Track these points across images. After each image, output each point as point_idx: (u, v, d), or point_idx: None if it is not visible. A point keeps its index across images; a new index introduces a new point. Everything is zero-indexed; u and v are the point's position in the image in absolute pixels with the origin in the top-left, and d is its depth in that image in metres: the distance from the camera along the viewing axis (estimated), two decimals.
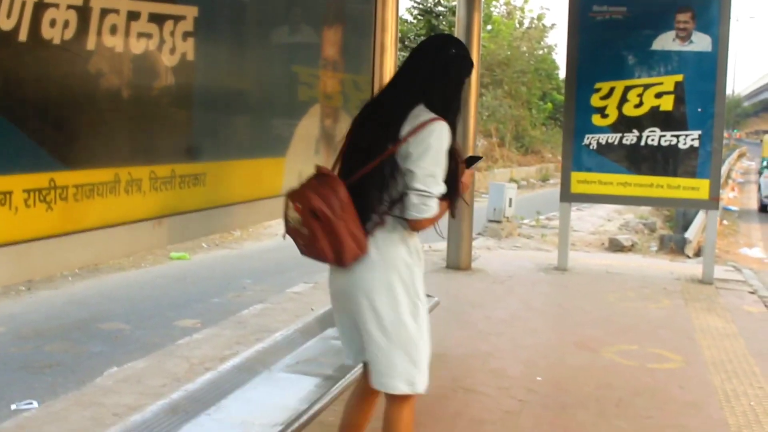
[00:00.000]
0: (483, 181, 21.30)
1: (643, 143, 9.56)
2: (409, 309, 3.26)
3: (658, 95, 9.54)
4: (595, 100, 9.70)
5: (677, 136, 9.42)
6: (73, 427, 4.52)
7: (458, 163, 3.27)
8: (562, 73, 38.20)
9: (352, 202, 3.08)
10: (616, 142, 9.65)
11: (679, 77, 9.48)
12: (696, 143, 9.41)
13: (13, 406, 5.79)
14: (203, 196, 3.74)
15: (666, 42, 9.51)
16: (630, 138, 9.59)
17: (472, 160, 3.54)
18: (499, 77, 33.37)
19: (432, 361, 5.88)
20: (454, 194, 3.24)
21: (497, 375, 5.80)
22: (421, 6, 32.42)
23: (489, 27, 33.98)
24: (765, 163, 31.40)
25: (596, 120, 9.71)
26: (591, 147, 9.74)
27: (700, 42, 9.41)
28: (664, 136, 9.48)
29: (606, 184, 9.76)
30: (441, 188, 3.12)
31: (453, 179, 3.22)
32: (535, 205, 17.86)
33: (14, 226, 2.61)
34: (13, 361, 7.09)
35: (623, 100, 9.58)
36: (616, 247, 13.23)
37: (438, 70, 3.28)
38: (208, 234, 3.78)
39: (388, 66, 6.25)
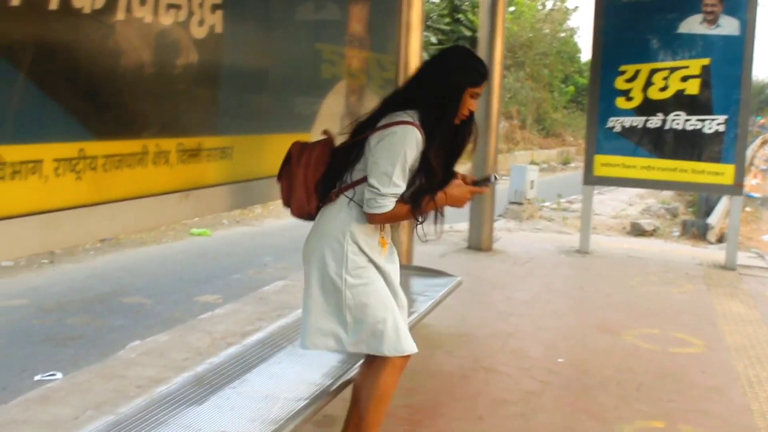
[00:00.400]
0: (504, 163, 21.23)
1: (667, 127, 9.48)
2: (327, 282, 3.35)
3: (684, 79, 9.44)
4: (620, 83, 9.62)
5: (702, 121, 9.33)
6: (96, 399, 4.54)
7: (433, 174, 3.30)
8: (584, 56, 38.04)
9: (322, 164, 3.37)
10: (640, 126, 9.58)
11: (706, 61, 9.38)
12: (721, 128, 9.32)
13: (37, 377, 5.82)
14: (229, 170, 3.74)
15: (693, 25, 9.40)
16: (654, 121, 9.52)
17: (485, 180, 3.51)
18: (521, 59, 33.16)
19: (453, 340, 5.95)
20: (417, 200, 3.29)
21: (518, 356, 5.79)
22: None
23: (512, 8, 33.73)
24: None
25: (621, 103, 9.64)
26: (615, 130, 9.68)
27: (728, 26, 9.30)
28: (689, 120, 9.40)
29: (629, 167, 9.70)
30: (394, 189, 3.22)
31: (423, 186, 3.29)
32: (556, 188, 17.77)
33: (44, 195, 2.62)
34: (36, 333, 7.13)
35: (648, 83, 9.49)
36: (637, 231, 13.17)
37: (438, 77, 3.36)
38: (234, 208, 3.80)
39: (414, 45, 6.23)
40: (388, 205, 3.24)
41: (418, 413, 4.60)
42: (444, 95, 3.33)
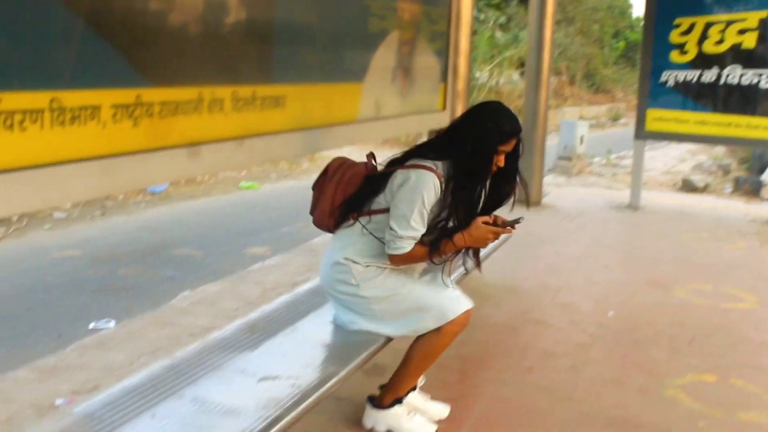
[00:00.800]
0: (553, 119, 21.02)
1: (722, 81, 9.28)
2: (348, 303, 3.57)
3: (741, 32, 9.21)
4: (675, 37, 9.43)
5: (759, 75, 9.11)
6: (150, 345, 4.62)
7: (462, 221, 3.40)
8: (635, 11, 37.32)
9: (353, 185, 3.54)
10: (694, 80, 9.39)
11: (764, 14, 9.12)
12: None
13: (92, 325, 5.94)
14: (283, 119, 3.75)
15: None
16: (709, 75, 9.32)
17: (514, 222, 3.51)
18: (571, 14, 32.66)
19: (502, 292, 5.95)
20: (435, 245, 3.39)
21: (568, 309, 5.77)
22: None
23: None
24: None
25: (675, 56, 9.45)
26: (668, 84, 9.51)
27: None
28: (745, 74, 9.19)
29: (683, 122, 9.53)
30: (411, 232, 3.34)
31: (445, 230, 3.40)
32: (605, 144, 17.57)
33: (103, 140, 2.65)
34: (90, 283, 7.26)
35: (704, 36, 9.28)
36: (689, 187, 13.00)
37: (469, 129, 3.45)
38: (287, 157, 3.85)
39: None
40: (406, 247, 3.36)
41: (468, 364, 4.62)
42: (475, 153, 3.39)
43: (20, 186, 2.35)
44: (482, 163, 3.39)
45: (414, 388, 3.85)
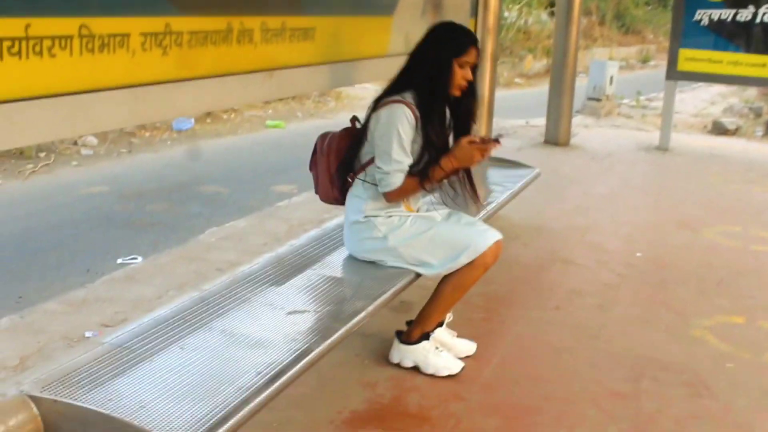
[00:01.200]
0: (582, 60, 20.76)
1: (758, 20, 9.04)
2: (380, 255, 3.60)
3: None
4: None
5: None
6: (178, 279, 4.64)
7: (437, 142, 3.48)
8: None
9: (341, 150, 3.63)
10: (729, 19, 9.16)
11: None
12: None
13: (119, 260, 5.97)
14: (312, 51, 3.71)
15: None
16: (745, 14, 9.08)
17: (494, 139, 3.54)
18: None
19: (529, 232, 5.93)
20: (425, 172, 3.45)
21: (596, 249, 5.74)
22: None
23: None
24: None
25: None
26: (702, 23, 9.30)
27: None
28: None
29: (716, 62, 9.34)
30: (396, 165, 3.41)
31: (428, 158, 3.46)
32: (635, 85, 17.33)
33: (132, 69, 2.63)
34: (117, 218, 7.30)
35: None
36: (719, 130, 12.82)
37: (423, 55, 3.52)
38: (316, 89, 3.82)
39: None
40: (396, 181, 3.43)
41: (494, 302, 4.61)
42: (431, 71, 3.46)
43: (50, 113, 2.34)
44: (441, 77, 3.47)
45: (441, 324, 3.86)
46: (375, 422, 3.30)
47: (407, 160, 3.43)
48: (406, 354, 3.70)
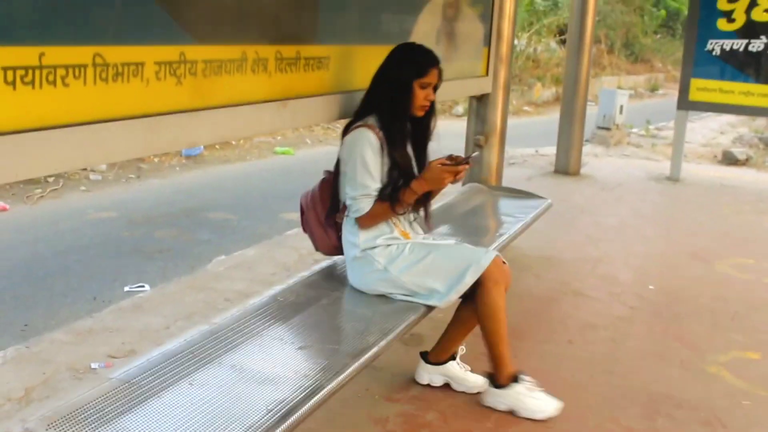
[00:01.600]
0: (591, 88, 20.78)
1: None
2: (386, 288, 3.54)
3: None
4: (722, 3, 9.13)
5: None
6: (187, 309, 4.58)
7: (402, 164, 3.48)
8: None
9: (325, 198, 3.68)
10: (741, 49, 9.12)
11: None
12: None
13: (127, 288, 5.93)
14: (326, 81, 3.69)
15: None
16: (757, 45, 9.04)
17: (466, 158, 3.53)
18: None
19: (540, 262, 5.87)
20: (394, 195, 3.45)
21: (607, 281, 5.68)
22: None
23: None
24: None
25: (722, 24, 9.16)
26: (714, 53, 9.26)
27: None
28: None
29: (727, 92, 9.29)
30: (363, 190, 3.41)
31: (397, 182, 3.46)
32: (644, 114, 17.29)
33: (146, 98, 2.58)
34: (125, 245, 7.26)
35: (753, 3, 8.94)
36: (729, 160, 12.75)
37: (384, 77, 3.53)
38: (331, 120, 3.79)
39: None
40: (364, 207, 3.42)
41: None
42: (392, 93, 3.47)
43: (62, 144, 2.30)
44: (402, 99, 3.47)
45: (453, 357, 3.81)
46: None
47: (374, 185, 3.42)
48: (500, 398, 3.60)
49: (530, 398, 3.57)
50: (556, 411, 3.58)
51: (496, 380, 3.60)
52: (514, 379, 3.58)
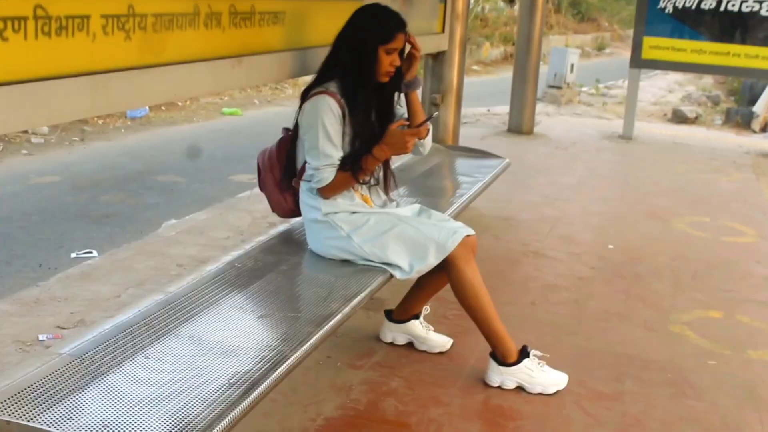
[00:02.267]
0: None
1: (722, 9, 8.98)
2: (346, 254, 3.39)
3: None
4: None
5: (760, 3, 8.83)
6: (138, 276, 4.41)
7: (363, 132, 3.33)
8: None
9: (281, 160, 3.51)
10: (693, 7, 9.07)
11: None
12: None
13: (73, 255, 5.73)
14: (282, 37, 3.52)
15: None
16: (709, 2, 9.01)
17: (425, 120, 3.45)
18: None
19: (499, 223, 5.79)
20: (357, 163, 3.30)
21: (567, 241, 5.62)
22: None
23: None
24: None
25: None
26: (667, 11, 9.21)
27: None
28: (746, 1, 8.89)
29: (679, 50, 9.27)
30: (326, 160, 3.24)
31: (359, 150, 3.32)
32: (592, 73, 17.29)
33: (92, 54, 2.40)
34: (69, 209, 7.02)
35: None
36: (679, 118, 12.83)
37: (348, 42, 3.32)
38: (287, 78, 3.63)
39: None
40: (327, 177, 3.26)
41: None
42: (356, 59, 3.29)
43: (1, 103, 2.12)
44: (366, 66, 3.30)
45: (417, 317, 3.77)
46: (351, 430, 3.13)
47: (337, 154, 3.27)
48: (508, 376, 3.48)
49: (541, 372, 3.48)
50: (565, 383, 3.51)
51: (502, 358, 3.48)
52: (524, 354, 3.48)
